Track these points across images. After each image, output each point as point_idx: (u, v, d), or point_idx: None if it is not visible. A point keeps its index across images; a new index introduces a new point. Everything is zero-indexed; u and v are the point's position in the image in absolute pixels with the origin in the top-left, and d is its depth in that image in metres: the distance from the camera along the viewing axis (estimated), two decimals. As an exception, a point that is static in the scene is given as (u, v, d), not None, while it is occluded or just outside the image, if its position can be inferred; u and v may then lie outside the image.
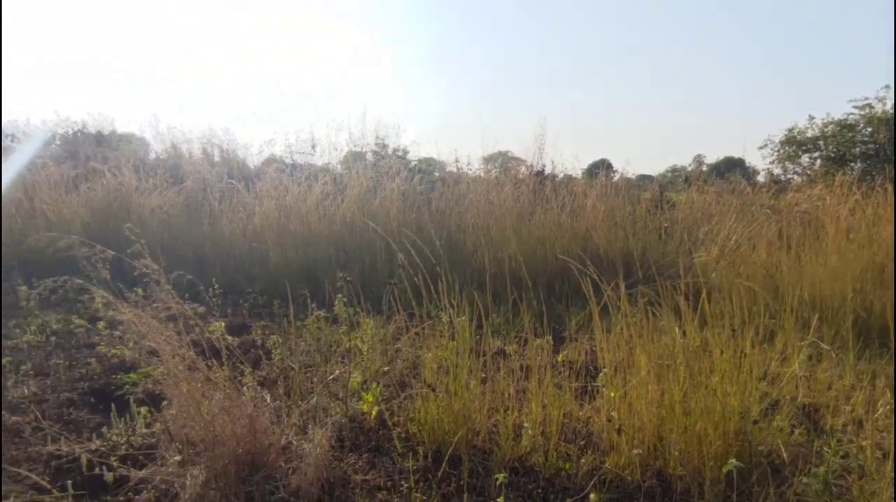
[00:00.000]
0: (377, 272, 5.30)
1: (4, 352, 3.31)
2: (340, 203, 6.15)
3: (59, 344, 3.48)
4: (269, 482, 1.95)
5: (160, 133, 10.36)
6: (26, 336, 3.57)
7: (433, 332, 2.88)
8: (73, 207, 6.23)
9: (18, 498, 1.87)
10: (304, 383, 2.82)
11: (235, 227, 6.13)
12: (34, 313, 4.09)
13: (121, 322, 3.79)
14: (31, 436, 2.32)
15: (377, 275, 5.22)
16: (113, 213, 6.20)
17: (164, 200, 6.49)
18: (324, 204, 6.14)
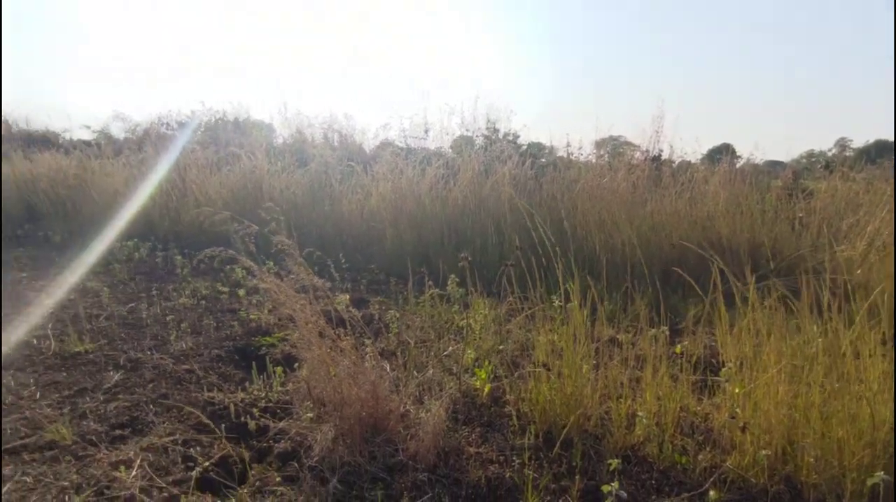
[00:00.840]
0: (487, 254, 5.38)
1: (165, 311, 3.82)
2: (453, 186, 6.29)
3: (208, 307, 3.94)
4: (389, 445, 2.09)
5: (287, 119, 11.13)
6: (182, 299, 4.08)
7: (545, 315, 2.89)
8: (215, 187, 6.94)
9: (183, 434, 2.18)
10: (418, 357, 2.97)
11: (354, 208, 6.49)
12: (187, 279, 4.65)
13: (258, 290, 4.21)
14: (190, 384, 2.68)
15: (487, 257, 5.30)
16: (248, 193, 6.83)
17: (291, 181, 7.01)
18: (437, 187, 6.31)
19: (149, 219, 6.71)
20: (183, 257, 5.07)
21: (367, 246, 6.01)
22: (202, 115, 12.50)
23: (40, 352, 3.04)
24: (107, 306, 3.88)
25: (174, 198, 6.87)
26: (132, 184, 7.32)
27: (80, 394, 2.56)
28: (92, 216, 6.97)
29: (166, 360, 2.94)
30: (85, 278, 4.69)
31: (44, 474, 1.92)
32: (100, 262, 5.31)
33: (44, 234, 6.40)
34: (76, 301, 4.05)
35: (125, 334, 3.37)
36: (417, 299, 3.85)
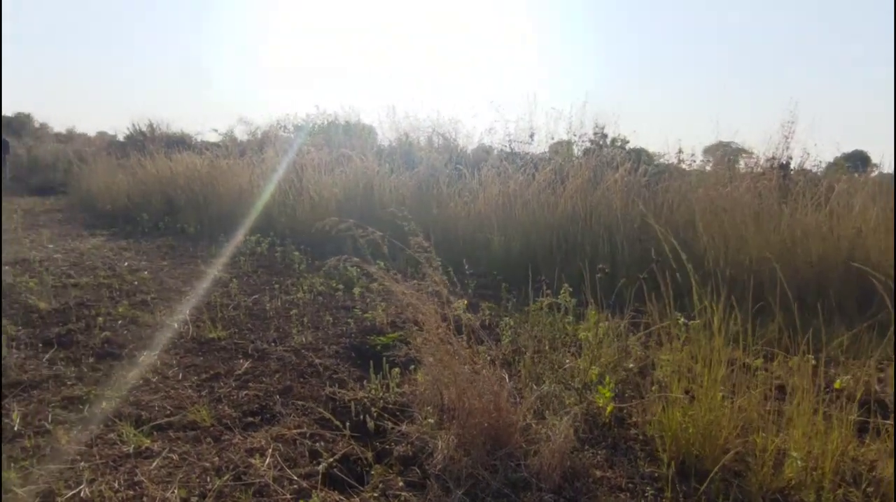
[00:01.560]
0: (598, 263, 5.16)
1: (285, 305, 4.02)
2: (562, 192, 6.12)
3: (324, 303, 4.09)
4: (511, 459, 2.02)
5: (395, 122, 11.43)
6: (299, 293, 4.28)
7: (668, 333, 2.69)
8: (328, 187, 7.25)
9: (308, 428, 2.25)
10: (533, 367, 2.87)
11: (460, 211, 6.51)
12: (304, 275, 4.88)
13: (370, 290, 4.32)
14: (312, 378, 2.78)
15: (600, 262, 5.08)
16: (359, 193, 7.07)
17: (399, 183, 7.17)
18: (545, 192, 6.18)
19: (268, 215, 7.16)
20: (300, 253, 5.33)
21: (472, 250, 5.99)
22: (316, 119, 13.20)
23: (181, 336, 3.30)
24: (234, 296, 4.15)
25: (291, 197, 7.27)
26: (254, 182, 7.86)
27: (214, 379, 2.73)
28: (220, 210, 7.56)
29: (289, 353, 3.08)
30: (215, 268, 5.07)
31: (187, 453, 2.05)
32: (227, 254, 5.73)
33: (180, 226, 7.04)
34: (209, 289, 4.37)
35: (251, 324, 3.57)
36: (527, 306, 3.75)
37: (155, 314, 3.66)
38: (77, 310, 3.63)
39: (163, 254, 5.71)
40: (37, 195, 10.77)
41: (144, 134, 14.29)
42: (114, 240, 6.38)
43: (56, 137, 20.39)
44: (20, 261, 4.85)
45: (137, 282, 4.44)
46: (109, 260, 5.25)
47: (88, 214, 8.42)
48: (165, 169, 9.07)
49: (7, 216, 7.48)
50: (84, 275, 4.56)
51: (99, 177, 9.59)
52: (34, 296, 3.79)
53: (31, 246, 5.62)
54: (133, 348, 3.06)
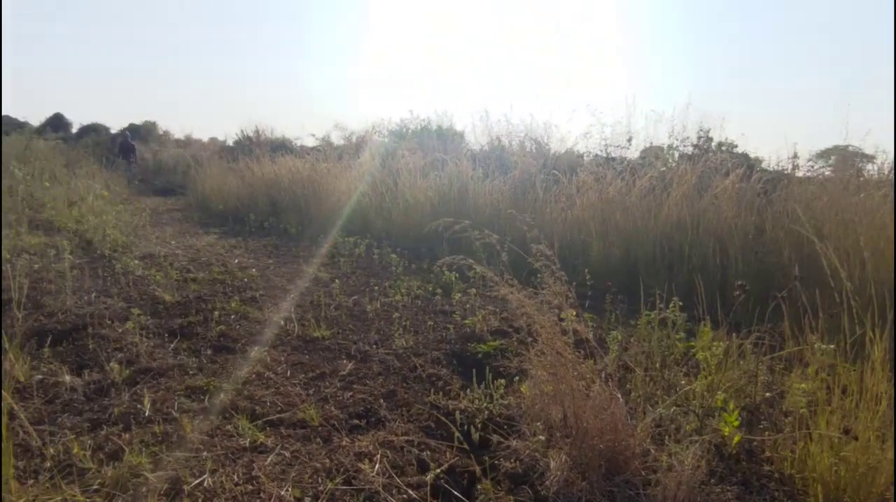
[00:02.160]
0: (708, 275, 4.80)
1: (384, 306, 4.06)
2: (664, 199, 5.77)
3: (422, 307, 4.10)
4: (630, 488, 1.87)
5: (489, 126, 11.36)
6: (397, 296, 4.31)
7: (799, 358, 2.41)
8: (423, 190, 7.32)
9: (414, 435, 2.22)
10: (645, 387, 2.68)
11: (556, 216, 6.33)
12: (401, 278, 4.93)
13: (468, 294, 4.27)
14: (414, 384, 2.76)
15: (708, 278, 4.72)
16: (453, 196, 7.08)
17: (494, 187, 7.10)
18: (646, 199, 5.86)
19: (365, 217, 7.35)
20: (397, 255, 5.40)
21: (570, 256, 5.79)
22: (409, 123, 13.45)
23: (287, 333, 3.42)
24: (335, 297, 4.26)
25: (387, 200, 7.42)
26: (352, 185, 8.11)
27: (320, 378, 2.79)
28: (319, 211, 7.87)
29: (391, 356, 3.08)
30: (316, 268, 5.25)
31: (299, 452, 2.08)
32: (327, 254, 5.93)
33: (283, 227, 7.41)
34: (311, 289, 4.53)
35: (353, 325, 3.64)
36: (632, 319, 3.53)
37: (263, 311, 3.82)
38: (196, 303, 3.87)
39: (268, 253, 6.01)
40: (160, 195, 11.81)
41: (251, 139, 15.26)
42: (225, 239, 6.82)
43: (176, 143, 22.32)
44: (148, 256, 5.28)
45: (247, 279, 4.68)
46: (222, 257, 5.60)
47: (203, 213, 9.09)
48: (270, 172, 9.61)
49: (137, 213, 8.23)
50: (201, 271, 4.89)
51: (212, 179, 10.34)
52: (160, 289, 4.09)
53: (156, 242, 6.13)
54: (245, 343, 3.20)
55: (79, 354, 2.89)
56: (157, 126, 25.17)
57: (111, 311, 3.53)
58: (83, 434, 2.14)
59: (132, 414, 2.28)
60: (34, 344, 2.94)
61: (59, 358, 2.84)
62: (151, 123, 25.67)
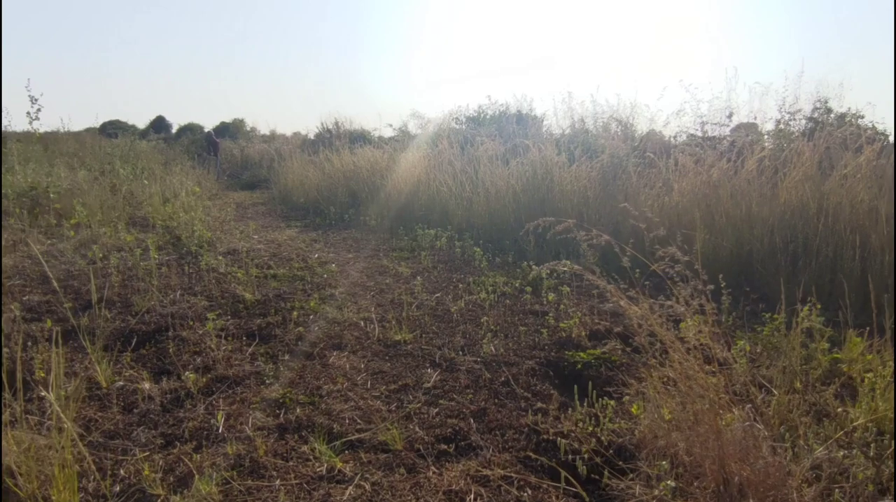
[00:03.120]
0: (843, 270, 4.10)
1: (469, 306, 3.76)
2: (781, 180, 5.05)
3: (510, 306, 3.75)
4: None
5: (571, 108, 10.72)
6: (482, 293, 4.00)
7: None
8: (504, 178, 6.94)
9: (511, 468, 1.90)
10: (782, 411, 2.20)
11: (652, 203, 5.75)
12: (485, 273, 4.62)
13: (557, 291, 3.88)
14: (507, 401, 2.43)
15: (846, 272, 4.03)
16: (538, 184, 6.65)
17: (581, 173, 6.59)
18: (757, 182, 5.17)
19: (445, 207, 7.08)
20: (480, 249, 5.09)
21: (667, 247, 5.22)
22: (487, 109, 13.04)
23: (367, 336, 3.20)
24: (417, 294, 4.01)
25: (467, 189, 7.11)
26: (431, 174, 7.86)
27: (403, 391, 2.53)
28: (398, 202, 7.70)
29: (479, 365, 2.78)
30: (396, 263, 5.05)
31: (380, 484, 1.82)
32: (407, 248, 5.72)
33: (363, 219, 7.31)
34: (391, 285, 4.31)
35: (436, 327, 3.37)
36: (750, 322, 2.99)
37: (343, 310, 3.64)
38: (275, 302, 3.76)
39: (348, 247, 5.90)
40: (246, 190, 12.21)
41: (331, 131, 15.48)
42: (306, 232, 6.81)
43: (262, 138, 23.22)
44: (231, 251, 5.31)
45: (326, 276, 4.55)
46: (302, 251, 5.53)
47: (285, 206, 9.22)
48: (349, 163, 9.58)
49: (224, 208, 8.46)
50: (281, 267, 4.82)
51: (293, 172, 10.50)
52: (241, 287, 4.03)
53: (240, 237, 6.19)
54: (324, 347, 3.02)
55: (160, 358, 2.81)
56: (244, 123, 26.31)
57: (194, 311, 3.47)
58: (156, 451, 2.01)
59: (205, 431, 2.12)
60: (119, 346, 2.91)
61: (142, 362, 2.78)
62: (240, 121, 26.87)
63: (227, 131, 25.77)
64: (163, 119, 33.08)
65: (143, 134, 25.74)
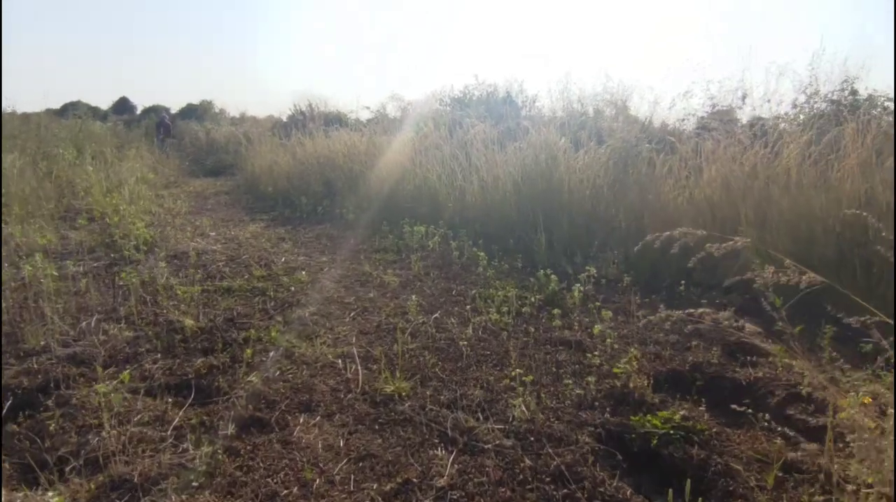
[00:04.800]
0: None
1: (479, 331, 2.91)
2: (832, 168, 4.28)
3: (533, 335, 2.89)
4: None
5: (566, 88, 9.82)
6: (492, 313, 3.13)
7: None
8: (501, 165, 6.06)
9: None
10: None
11: (677, 196, 4.95)
12: (491, 283, 3.75)
13: (588, 312, 3.04)
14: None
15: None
16: (541, 172, 5.79)
17: (592, 160, 5.75)
18: (801, 167, 4.39)
19: (434, 198, 6.18)
20: (482, 251, 4.22)
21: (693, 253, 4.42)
22: (475, 90, 12.10)
23: (347, 387, 2.32)
24: (411, 315, 3.13)
25: (460, 177, 6.21)
26: (416, 160, 6.93)
27: (403, 491, 1.66)
28: (380, 192, 6.77)
29: (510, 440, 1.92)
30: (381, 269, 4.15)
31: None
32: (392, 248, 4.82)
33: (339, 212, 6.35)
34: (376, 301, 3.42)
35: (441, 369, 2.49)
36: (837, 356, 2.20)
37: (314, 343, 2.74)
38: (224, 330, 2.84)
39: (322, 247, 4.97)
40: (210, 177, 11.08)
41: (304, 113, 14.36)
42: (273, 228, 5.84)
43: (231, 121, 21.83)
44: (178, 255, 4.34)
45: (294, 288, 3.63)
46: (266, 253, 4.59)
47: (251, 196, 8.21)
48: (323, 147, 8.58)
49: (178, 199, 7.42)
50: (238, 275, 3.88)
51: (261, 157, 9.45)
52: (181, 308, 3.10)
53: (192, 234, 5.21)
54: (286, 407, 2.13)
55: (33, 440, 1.88)
56: (212, 105, 24.86)
57: (108, 350, 2.54)
58: None
59: None
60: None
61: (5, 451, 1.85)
62: (208, 102, 25.40)
63: (194, 113, 24.29)
64: (126, 100, 31.32)
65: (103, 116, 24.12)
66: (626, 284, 3.74)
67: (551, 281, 3.56)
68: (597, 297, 3.51)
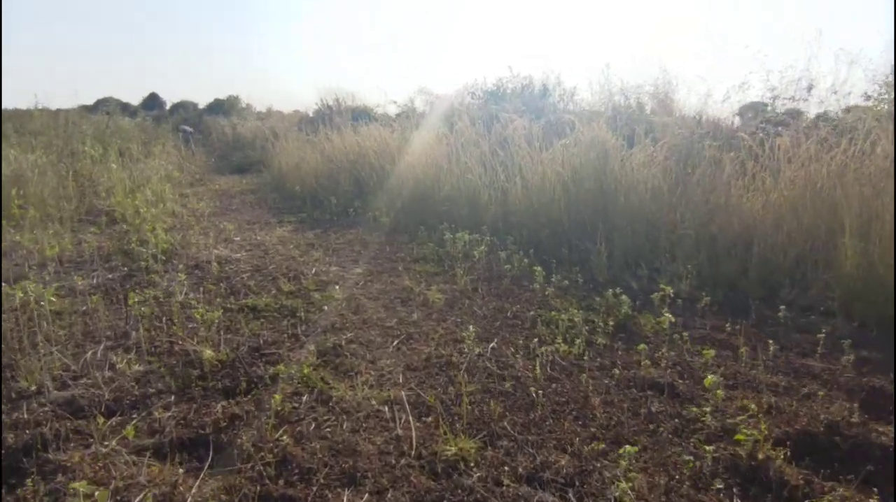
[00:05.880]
0: None
1: (548, 366, 2.44)
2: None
3: (619, 375, 2.40)
4: None
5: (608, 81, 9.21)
6: (559, 343, 2.65)
7: None
8: (548, 164, 5.55)
9: None
10: None
11: (755, 203, 4.39)
12: (550, 302, 3.27)
13: (674, 341, 2.54)
14: None
15: None
16: (589, 173, 5.26)
17: (650, 159, 5.21)
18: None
19: (474, 200, 5.70)
20: (533, 260, 3.74)
21: (790, 263, 3.87)
22: (509, 83, 11.55)
23: (398, 448, 1.87)
24: (463, 344, 2.68)
25: (501, 177, 5.72)
26: (453, 157, 6.45)
27: None
28: (415, 192, 6.31)
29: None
30: (424, 283, 3.70)
31: None
32: (433, 257, 4.37)
33: (372, 214, 5.91)
34: (421, 325, 2.97)
35: (510, 422, 2.03)
36: None
37: (354, 382, 2.31)
38: (248, 363, 2.43)
39: (355, 254, 4.53)
40: (236, 174, 10.77)
41: (331, 107, 13.99)
42: (301, 231, 5.44)
43: (257, 116, 21.63)
44: (199, 265, 3.96)
45: (327, 308, 3.20)
46: (295, 262, 4.18)
47: (278, 195, 7.84)
48: (353, 144, 8.15)
49: (201, 199, 7.09)
50: (264, 291, 3.47)
51: (288, 154, 9.09)
52: (200, 332, 2.69)
53: (215, 240, 4.83)
54: (324, 479, 1.69)
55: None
56: (239, 100, 24.74)
57: (113, 390, 2.14)
58: None
59: None
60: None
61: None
62: (234, 97, 25.30)
63: (221, 108, 24.22)
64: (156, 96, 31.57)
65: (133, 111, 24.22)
66: (704, 304, 3.23)
67: (622, 303, 3.07)
68: (674, 321, 3.01)
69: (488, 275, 3.89)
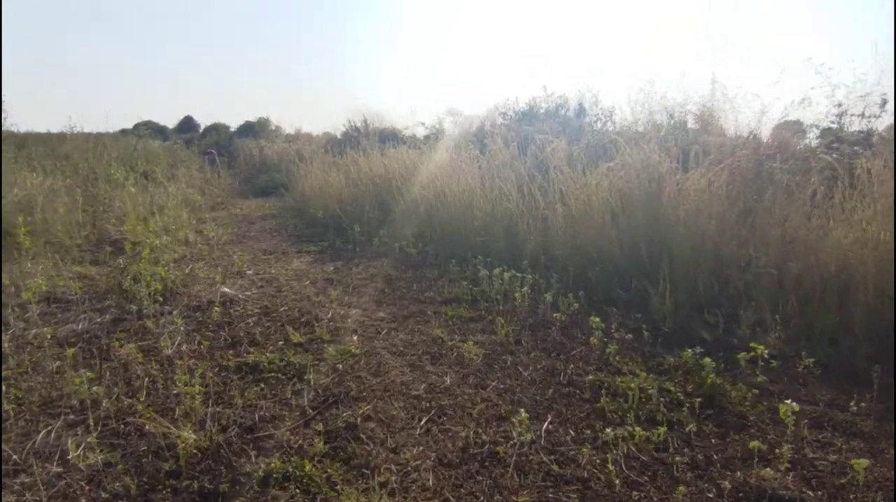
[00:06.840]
0: None
1: (622, 460, 1.84)
2: None
3: (710, 473, 1.79)
4: None
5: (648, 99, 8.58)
6: (632, 424, 2.05)
7: None
8: (593, 190, 4.96)
9: None
10: None
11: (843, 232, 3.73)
12: (611, 363, 2.67)
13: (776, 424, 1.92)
14: None
15: None
16: (639, 200, 4.65)
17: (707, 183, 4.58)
18: None
19: (510, 230, 5.15)
20: (578, 302, 3.15)
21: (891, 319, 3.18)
22: (542, 102, 11.04)
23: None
24: (509, 423, 2.10)
25: (540, 204, 5.16)
26: (486, 182, 5.92)
27: None
28: (445, 218, 5.78)
29: None
30: (456, 332, 3.14)
31: None
32: (465, 297, 3.81)
33: (398, 245, 5.40)
34: (455, 392, 2.40)
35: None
36: None
37: (370, 484, 1.75)
38: (236, 452, 1.90)
39: (378, 294, 4.00)
40: (260, 197, 10.46)
41: (359, 129, 13.70)
42: (320, 264, 4.95)
43: (286, 138, 21.59)
44: (202, 306, 3.48)
45: (342, 367, 2.66)
46: (309, 302, 3.67)
47: (300, 221, 7.42)
48: (379, 166, 7.72)
49: (219, 225, 6.70)
50: (270, 341, 2.96)
51: (313, 177, 8.70)
52: (183, 406, 2.18)
53: (226, 273, 4.37)
54: None
55: None
56: (269, 122, 24.88)
57: (52, 497, 1.63)
58: None
59: None
60: None
61: None
62: (265, 119, 25.46)
63: (251, 130, 24.38)
64: (191, 119, 32.10)
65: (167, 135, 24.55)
66: (803, 367, 2.59)
67: (706, 367, 2.45)
68: (772, 391, 2.39)
69: (532, 323, 3.31)
